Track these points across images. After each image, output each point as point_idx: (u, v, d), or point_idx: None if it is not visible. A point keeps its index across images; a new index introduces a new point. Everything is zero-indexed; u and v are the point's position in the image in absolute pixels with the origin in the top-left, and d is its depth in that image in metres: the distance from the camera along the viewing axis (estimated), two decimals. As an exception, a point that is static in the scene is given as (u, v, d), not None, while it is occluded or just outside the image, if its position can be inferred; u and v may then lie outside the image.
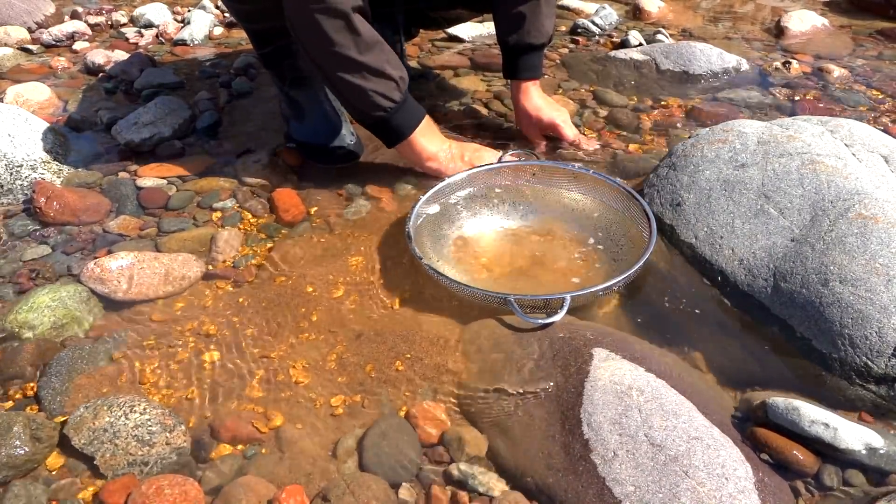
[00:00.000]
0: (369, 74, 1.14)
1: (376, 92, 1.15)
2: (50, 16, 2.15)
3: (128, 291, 1.01)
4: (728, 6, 2.38)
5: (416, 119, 1.23)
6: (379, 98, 1.16)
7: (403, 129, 1.22)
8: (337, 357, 0.93)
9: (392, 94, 1.17)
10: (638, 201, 1.11)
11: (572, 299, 0.93)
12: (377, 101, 1.16)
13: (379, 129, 1.23)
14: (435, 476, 0.78)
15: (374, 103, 1.16)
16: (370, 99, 1.16)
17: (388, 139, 1.24)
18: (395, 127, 1.21)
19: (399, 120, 1.20)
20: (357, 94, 1.16)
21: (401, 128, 1.21)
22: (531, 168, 1.23)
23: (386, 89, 1.16)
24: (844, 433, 0.77)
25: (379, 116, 1.18)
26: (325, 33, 1.09)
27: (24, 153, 1.29)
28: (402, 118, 1.21)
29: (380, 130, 1.23)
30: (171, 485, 0.74)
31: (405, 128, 1.22)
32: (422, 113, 1.24)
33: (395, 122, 1.20)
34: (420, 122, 1.23)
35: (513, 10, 1.33)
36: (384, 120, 1.19)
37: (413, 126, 1.22)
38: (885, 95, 1.65)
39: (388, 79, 1.16)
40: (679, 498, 0.69)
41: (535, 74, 1.39)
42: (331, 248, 1.14)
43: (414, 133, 1.22)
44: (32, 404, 0.87)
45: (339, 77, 1.14)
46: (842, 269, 0.91)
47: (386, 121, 1.19)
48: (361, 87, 1.14)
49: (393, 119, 1.19)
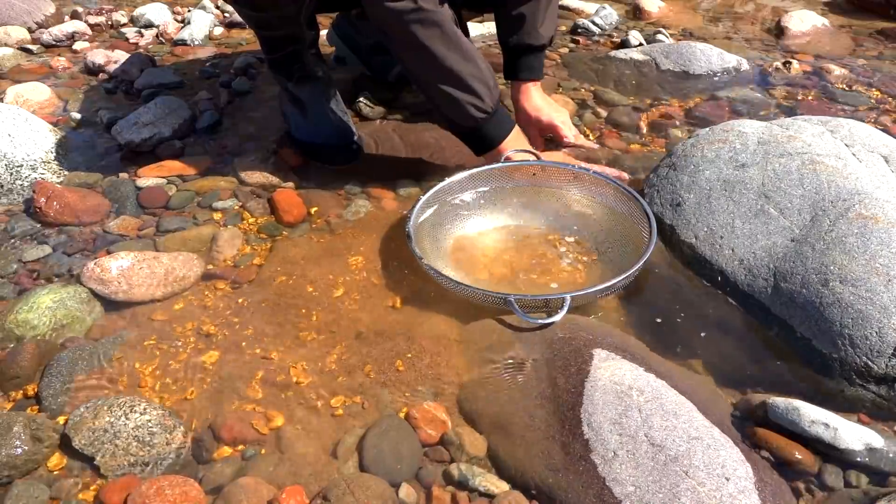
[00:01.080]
0: (463, 84, 1.15)
1: (469, 103, 1.16)
2: (50, 16, 2.15)
3: (128, 292, 1.01)
4: (728, 6, 2.38)
5: (507, 129, 1.23)
6: (472, 109, 1.16)
7: (494, 139, 1.22)
8: (337, 357, 0.93)
9: (485, 104, 1.17)
10: (638, 201, 1.11)
11: (572, 299, 0.93)
12: (470, 111, 1.17)
13: (469, 138, 1.24)
14: (435, 476, 0.78)
15: (467, 114, 1.17)
16: (464, 109, 1.16)
17: (477, 148, 1.24)
18: (485, 136, 1.22)
19: (489, 130, 1.21)
20: (451, 104, 1.16)
21: (490, 137, 1.22)
22: (531, 168, 1.23)
23: (479, 100, 1.17)
24: (844, 433, 0.77)
25: (471, 126, 1.19)
26: (422, 43, 1.10)
27: (24, 153, 1.29)
28: (492, 128, 1.21)
29: (470, 139, 1.24)
30: (172, 485, 0.74)
31: (495, 138, 1.22)
32: (512, 123, 1.24)
33: (485, 132, 1.21)
34: (510, 132, 1.23)
35: (513, 11, 1.33)
36: (476, 129, 1.20)
37: (503, 136, 1.22)
38: (886, 95, 1.65)
39: (481, 88, 1.16)
40: (679, 498, 0.69)
41: (535, 75, 1.38)
42: (331, 248, 1.14)
43: (503, 143, 1.22)
44: (33, 405, 0.87)
45: (433, 86, 1.15)
46: (842, 269, 0.91)
47: (478, 130, 1.20)
48: (455, 98, 1.15)
49: (484, 128, 1.20)
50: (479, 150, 1.25)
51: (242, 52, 1.90)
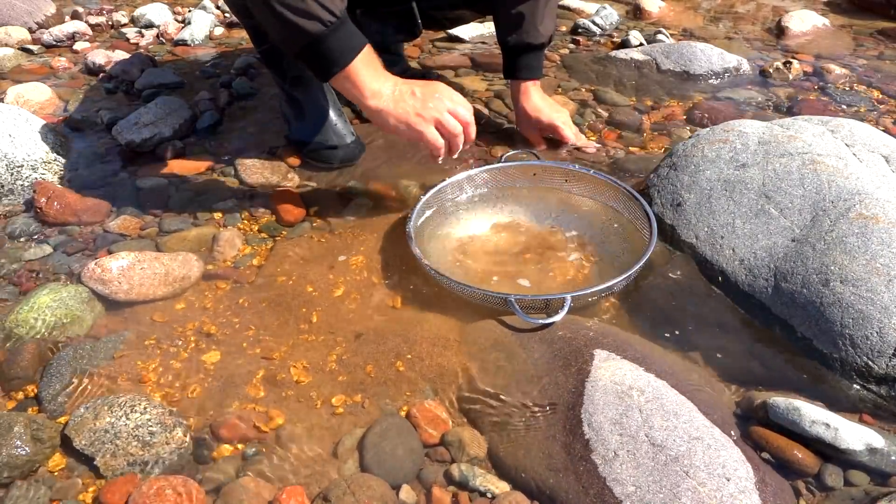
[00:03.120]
0: None
1: (318, 2, 0.98)
2: (51, 16, 2.16)
3: (128, 291, 1.01)
4: (729, 6, 2.38)
5: (357, 45, 1.03)
6: (318, 8, 0.98)
7: (340, 55, 1.02)
8: (337, 357, 0.93)
9: (333, 5, 0.99)
10: (638, 201, 1.11)
11: (573, 299, 0.93)
12: (315, 10, 0.98)
13: (313, 53, 1.03)
14: (436, 476, 0.78)
15: (311, 13, 0.98)
16: (307, 8, 0.98)
17: (322, 67, 1.04)
18: (330, 51, 1.01)
19: (338, 41, 1.01)
20: (297, 2, 0.98)
21: (336, 52, 1.02)
22: (531, 168, 1.23)
23: (329, 1, 0.99)
24: (845, 433, 0.76)
25: (316, 32, 0.99)
26: None
27: (25, 153, 1.29)
28: (339, 40, 1.01)
29: (314, 55, 1.03)
30: (172, 485, 0.74)
31: (343, 52, 1.02)
32: (363, 40, 1.04)
33: (332, 44, 1.01)
34: (361, 50, 1.03)
35: (512, 10, 1.33)
36: (320, 39, 1.00)
37: (352, 52, 1.03)
38: (886, 95, 1.65)
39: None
40: (680, 498, 0.69)
41: (534, 75, 1.38)
42: (331, 248, 1.14)
43: (354, 62, 1.02)
44: (33, 405, 0.87)
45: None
46: (842, 269, 0.91)
47: (320, 41, 1.00)
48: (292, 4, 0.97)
49: (331, 39, 1.01)
50: (325, 71, 1.04)
51: (243, 53, 1.90)
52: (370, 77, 1.04)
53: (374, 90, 1.05)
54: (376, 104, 1.05)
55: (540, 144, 1.41)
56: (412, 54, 1.87)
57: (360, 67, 1.03)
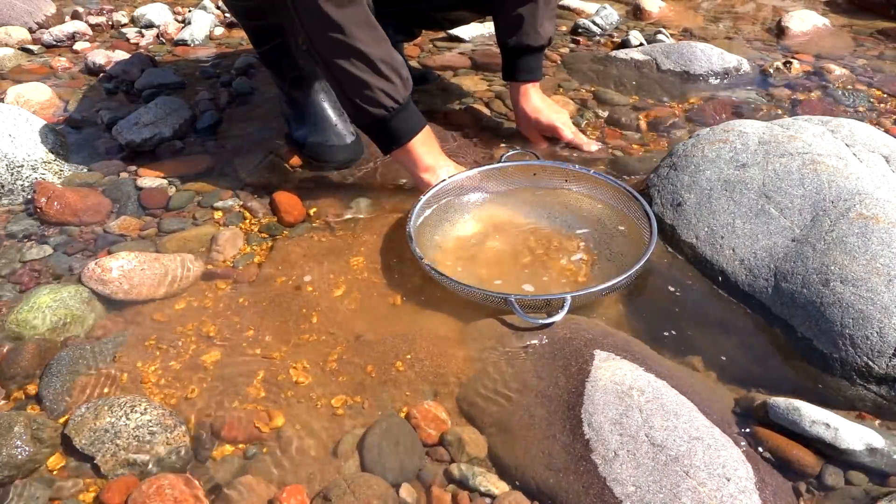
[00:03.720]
0: (376, 68, 1.08)
1: (381, 89, 1.09)
2: (51, 16, 2.16)
3: (128, 291, 1.01)
4: (729, 6, 2.38)
5: (418, 125, 1.17)
6: (382, 96, 1.10)
7: (403, 134, 1.16)
8: (337, 357, 0.93)
9: (397, 93, 1.11)
10: (638, 201, 1.11)
11: (573, 299, 0.93)
12: (380, 98, 1.10)
13: (377, 131, 1.17)
14: (435, 476, 0.78)
15: (376, 100, 1.10)
16: (373, 95, 1.10)
17: (385, 142, 1.18)
18: (395, 130, 1.15)
19: (399, 123, 1.15)
20: (360, 89, 1.09)
21: (400, 132, 1.15)
22: (531, 168, 1.23)
23: (391, 88, 1.10)
24: (845, 433, 0.76)
25: (380, 115, 1.12)
26: (333, 19, 1.03)
27: (25, 153, 1.29)
28: (403, 121, 1.15)
29: (378, 132, 1.17)
30: (172, 485, 0.74)
31: (405, 132, 1.16)
32: (423, 121, 1.18)
33: (395, 125, 1.14)
34: (421, 130, 1.17)
35: (512, 12, 1.33)
36: (384, 120, 1.13)
37: (413, 132, 1.16)
38: (887, 95, 1.65)
39: (395, 76, 1.11)
40: (680, 498, 0.69)
41: (534, 76, 1.38)
42: (331, 248, 1.14)
43: (413, 140, 1.16)
44: (33, 404, 0.87)
45: (342, 68, 1.08)
46: (843, 269, 0.91)
47: (386, 122, 1.13)
48: (366, 82, 1.08)
49: (394, 121, 1.14)
50: (387, 146, 1.17)
51: (243, 53, 1.90)
52: (425, 153, 1.18)
53: (428, 165, 1.19)
54: (426, 177, 1.19)
55: (540, 145, 1.41)
56: (412, 54, 1.87)
57: (419, 146, 1.17)
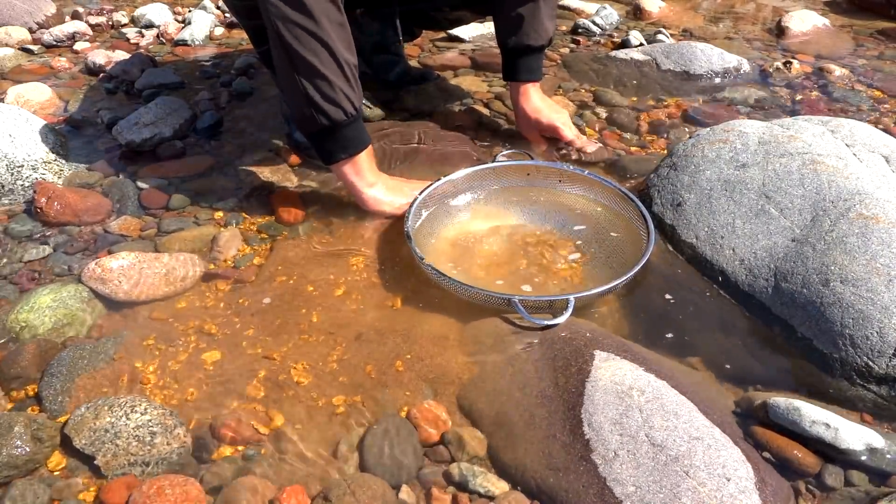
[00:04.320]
0: (342, 70, 1.05)
1: (343, 91, 1.06)
2: (51, 16, 2.15)
3: (129, 292, 1.01)
4: (729, 6, 2.38)
5: (367, 139, 1.15)
6: (344, 99, 1.07)
7: (354, 144, 1.13)
8: (337, 357, 0.93)
9: (356, 100, 1.09)
10: (633, 202, 1.11)
11: (576, 300, 0.93)
12: (342, 101, 1.07)
13: (327, 138, 1.12)
14: (435, 476, 0.78)
15: (338, 102, 1.06)
16: (335, 96, 1.06)
17: (333, 151, 1.13)
18: (347, 139, 1.12)
19: (353, 132, 1.11)
20: (323, 87, 1.05)
21: (351, 142, 1.12)
22: (526, 168, 1.23)
23: (352, 94, 1.08)
24: (845, 433, 0.77)
25: (338, 119, 1.08)
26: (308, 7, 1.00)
27: (25, 153, 1.29)
28: (356, 131, 1.12)
29: (328, 139, 1.12)
30: (172, 485, 0.74)
31: (356, 143, 1.13)
32: (369, 138, 1.16)
33: (348, 133, 1.11)
34: (369, 144, 1.16)
35: (512, 12, 1.33)
36: (339, 126, 1.09)
37: (364, 144, 1.14)
38: (886, 95, 1.65)
39: (356, 83, 1.09)
40: (680, 498, 0.69)
41: (534, 76, 1.38)
42: (331, 248, 1.14)
43: (362, 153, 1.14)
44: (33, 404, 0.87)
45: (308, 62, 1.03)
46: (843, 269, 0.91)
47: (340, 128, 1.10)
48: (330, 81, 1.05)
49: (348, 129, 1.10)
50: (334, 155, 1.13)
51: (243, 53, 1.90)
52: (369, 169, 1.17)
53: (372, 181, 1.18)
54: (371, 193, 1.17)
55: (540, 145, 1.41)
56: (412, 54, 1.87)
57: (364, 160, 1.16)
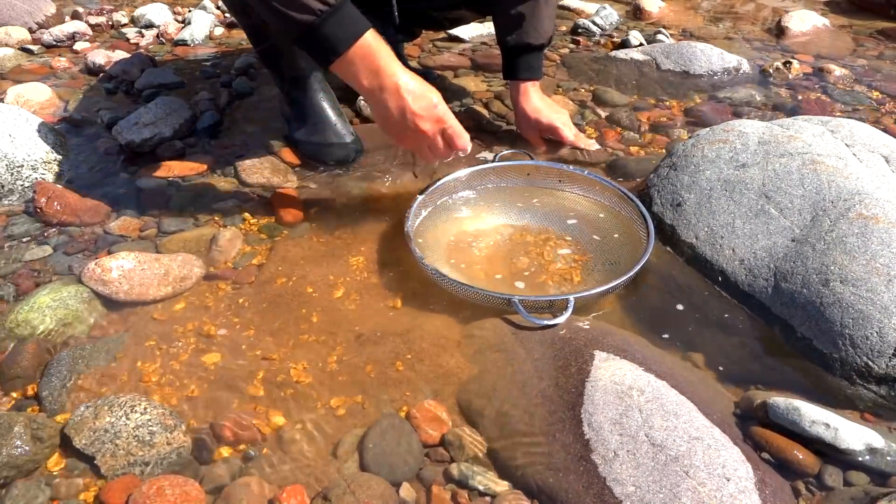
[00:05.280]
0: None
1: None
2: (51, 16, 2.16)
3: (129, 292, 1.01)
4: (729, 6, 2.38)
5: (358, 30, 0.96)
6: None
7: (336, 42, 0.96)
8: (337, 357, 0.93)
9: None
10: (633, 202, 1.11)
11: (576, 300, 0.93)
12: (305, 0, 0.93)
13: (310, 42, 0.97)
14: (435, 476, 0.78)
15: (300, 4, 0.94)
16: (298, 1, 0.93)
17: (320, 55, 0.98)
18: (327, 38, 0.95)
19: (331, 29, 0.95)
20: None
21: (332, 40, 0.95)
22: (525, 168, 1.23)
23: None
24: (845, 433, 0.77)
25: (307, 21, 0.94)
26: None
27: (25, 153, 1.29)
28: (336, 26, 0.95)
29: (311, 43, 0.98)
30: (172, 485, 0.74)
31: (340, 40, 0.95)
32: (365, 25, 0.97)
33: (326, 32, 0.95)
34: (361, 37, 0.96)
35: (512, 11, 1.33)
36: (313, 28, 0.95)
37: (349, 39, 0.96)
38: (886, 95, 1.65)
39: None
40: (680, 498, 0.69)
41: (534, 75, 1.38)
42: (331, 248, 1.14)
43: (352, 49, 0.96)
44: (33, 404, 0.87)
45: None
46: (842, 269, 0.91)
47: (315, 29, 0.95)
48: None
49: (325, 27, 0.95)
50: (323, 59, 0.98)
51: (243, 53, 1.90)
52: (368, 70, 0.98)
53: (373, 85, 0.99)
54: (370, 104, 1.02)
55: (540, 145, 1.41)
56: (412, 54, 1.87)
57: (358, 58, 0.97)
